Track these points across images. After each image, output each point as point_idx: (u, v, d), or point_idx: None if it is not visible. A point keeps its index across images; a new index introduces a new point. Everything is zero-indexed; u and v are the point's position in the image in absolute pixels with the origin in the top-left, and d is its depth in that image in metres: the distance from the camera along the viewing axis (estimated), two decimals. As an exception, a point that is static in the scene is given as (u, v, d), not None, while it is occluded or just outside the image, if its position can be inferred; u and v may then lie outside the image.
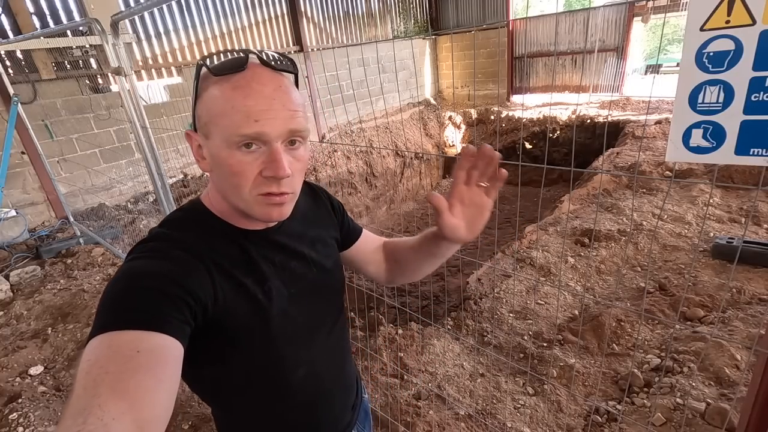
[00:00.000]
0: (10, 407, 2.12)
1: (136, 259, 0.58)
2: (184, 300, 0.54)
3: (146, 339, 0.49)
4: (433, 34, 9.46)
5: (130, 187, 4.97)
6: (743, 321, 2.33)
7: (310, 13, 7.00)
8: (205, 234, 0.64)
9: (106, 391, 0.43)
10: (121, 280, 0.55)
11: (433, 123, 8.58)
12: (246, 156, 0.58)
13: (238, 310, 0.63)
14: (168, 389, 0.48)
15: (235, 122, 0.56)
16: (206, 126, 0.59)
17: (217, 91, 0.58)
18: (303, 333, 0.73)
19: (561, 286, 2.89)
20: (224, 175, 0.60)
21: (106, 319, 0.50)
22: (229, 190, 0.62)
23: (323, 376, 0.78)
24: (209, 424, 2.04)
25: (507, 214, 6.39)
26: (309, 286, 0.74)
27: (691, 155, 0.75)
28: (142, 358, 0.47)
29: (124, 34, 4.42)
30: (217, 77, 0.58)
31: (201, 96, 0.60)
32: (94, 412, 0.41)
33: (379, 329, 2.61)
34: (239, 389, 0.70)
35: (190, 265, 0.59)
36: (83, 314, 2.92)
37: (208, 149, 0.61)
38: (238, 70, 0.57)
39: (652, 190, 4.13)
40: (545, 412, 1.99)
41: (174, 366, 0.50)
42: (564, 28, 7.98)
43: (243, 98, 0.56)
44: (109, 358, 0.46)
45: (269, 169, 0.58)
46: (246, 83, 0.57)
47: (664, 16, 8.99)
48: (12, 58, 4.15)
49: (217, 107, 0.57)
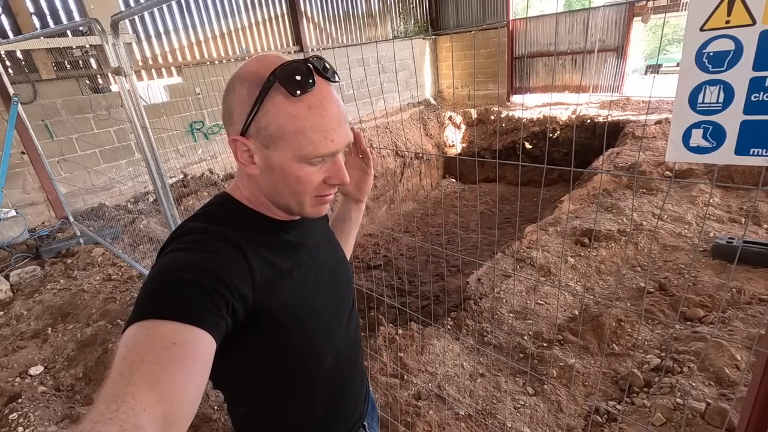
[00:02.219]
0: (10, 407, 2.12)
1: (176, 251, 0.59)
2: (221, 294, 0.55)
3: (183, 332, 0.50)
4: (433, 34, 9.46)
5: (130, 187, 4.97)
6: (743, 321, 2.33)
7: (310, 13, 7.00)
8: (241, 224, 0.66)
9: (140, 380, 0.44)
10: (161, 271, 0.56)
11: (433, 123, 8.58)
12: (313, 168, 0.63)
13: (276, 296, 0.65)
14: (197, 384, 0.49)
15: (314, 142, 0.60)
16: (272, 138, 0.60)
17: (293, 109, 0.59)
18: (330, 320, 0.76)
19: (561, 286, 2.89)
20: (287, 183, 0.63)
21: (146, 307, 0.52)
22: (287, 194, 0.65)
23: (344, 365, 0.82)
24: (209, 424, 2.04)
25: (507, 214, 6.39)
26: (331, 274, 0.79)
27: (691, 155, 0.75)
28: (177, 351, 0.48)
29: (124, 34, 4.42)
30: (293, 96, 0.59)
31: (267, 108, 0.59)
32: (127, 400, 0.42)
33: (379, 329, 2.61)
34: (269, 381, 0.72)
35: (230, 257, 0.60)
36: (83, 314, 2.92)
37: (268, 158, 0.62)
38: (311, 88, 0.59)
39: (652, 190, 4.13)
40: (545, 412, 1.99)
41: (205, 361, 0.51)
42: (564, 28, 7.98)
43: (320, 118, 0.60)
44: (147, 346, 0.47)
45: (335, 178, 0.65)
46: (319, 103, 0.60)
47: (664, 16, 8.99)
48: (12, 58, 4.15)
49: (292, 125, 0.59)
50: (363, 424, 0.91)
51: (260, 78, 0.59)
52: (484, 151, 8.16)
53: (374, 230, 5.65)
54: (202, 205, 0.71)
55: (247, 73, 0.60)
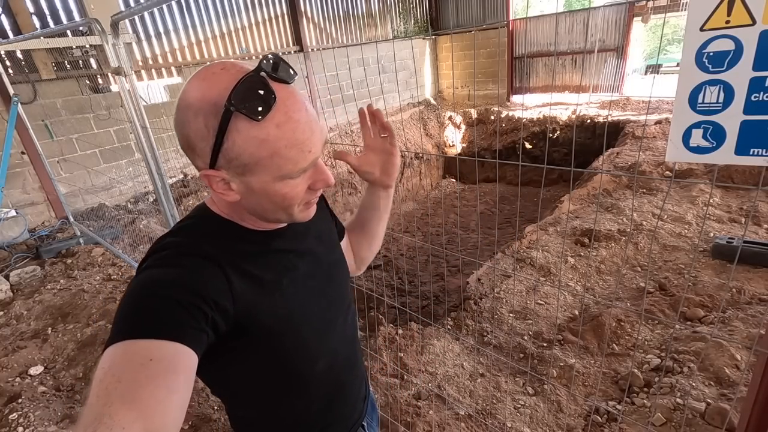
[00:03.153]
0: (10, 407, 2.12)
1: (151, 268, 0.58)
2: (199, 308, 0.54)
3: (160, 348, 0.49)
4: (433, 34, 9.46)
5: (130, 187, 4.97)
6: (743, 321, 2.32)
7: (310, 13, 7.00)
8: (219, 237, 0.65)
9: (117, 401, 0.44)
10: (136, 289, 0.55)
11: (433, 123, 8.58)
12: (296, 180, 0.61)
13: (260, 309, 0.63)
14: (179, 399, 0.48)
15: (292, 159, 0.58)
16: (246, 166, 0.57)
17: (261, 133, 0.55)
18: (322, 326, 0.75)
19: (561, 286, 2.89)
20: (272, 201, 0.62)
21: (121, 327, 0.51)
22: (274, 211, 0.64)
23: (341, 367, 0.81)
24: (209, 424, 2.04)
25: (507, 214, 6.39)
26: (322, 279, 0.77)
27: (691, 155, 0.75)
28: (155, 367, 0.47)
29: (124, 34, 4.42)
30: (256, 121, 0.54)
31: (232, 139, 0.55)
32: (104, 421, 0.42)
33: (379, 329, 2.61)
34: (264, 386, 0.71)
35: (206, 271, 0.59)
36: (83, 314, 2.92)
37: (247, 184, 0.59)
38: (273, 105, 0.54)
39: (652, 190, 4.13)
40: (545, 412, 1.99)
41: (186, 375, 0.50)
42: (564, 28, 7.98)
43: (292, 134, 0.56)
44: (122, 366, 0.47)
45: (321, 182, 0.64)
46: (286, 118, 0.56)
47: (664, 16, 8.99)
48: (12, 58, 4.16)
49: (266, 150, 0.56)
50: (362, 424, 0.91)
51: (215, 106, 0.53)
52: (484, 151, 8.16)
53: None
54: (179, 219, 0.71)
55: (199, 101, 0.54)
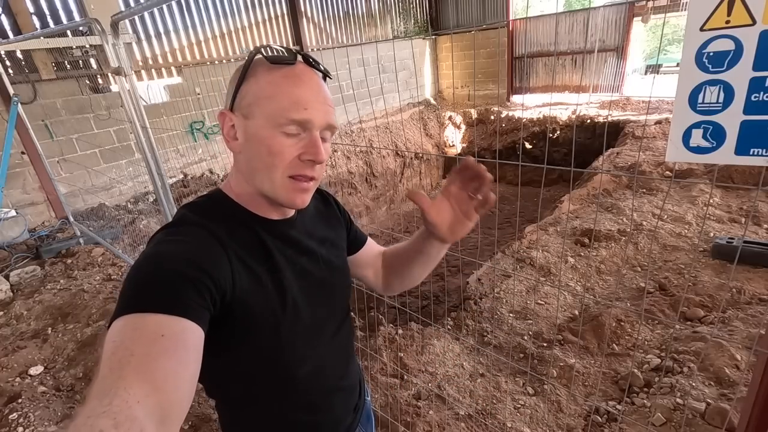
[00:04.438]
0: (10, 407, 2.12)
1: (160, 242, 0.60)
2: (205, 284, 0.55)
3: (170, 323, 0.50)
4: (433, 34, 9.45)
5: (130, 187, 4.97)
6: (743, 321, 2.32)
7: (310, 13, 7.00)
8: (225, 219, 0.66)
9: (131, 374, 0.44)
10: (144, 263, 0.56)
11: (433, 123, 8.57)
12: (287, 139, 0.62)
13: (252, 298, 0.64)
14: (191, 374, 0.50)
15: (285, 106, 0.61)
16: (249, 107, 0.63)
17: (269, 76, 0.62)
18: (310, 329, 0.73)
19: (561, 286, 2.89)
20: (260, 154, 0.63)
21: (131, 301, 0.52)
22: (261, 170, 0.64)
23: (327, 375, 0.79)
24: (209, 424, 2.04)
25: (507, 214, 6.39)
26: (318, 282, 0.75)
27: (691, 155, 0.75)
28: (167, 342, 0.48)
29: (124, 34, 4.42)
30: (270, 65, 0.63)
31: (248, 79, 0.63)
32: (119, 394, 0.42)
33: (379, 329, 2.61)
34: (245, 382, 0.70)
35: (212, 250, 0.60)
36: (83, 314, 2.92)
37: (246, 129, 0.64)
38: (289, 62, 0.63)
39: (652, 190, 4.13)
40: (545, 412, 1.99)
41: (196, 351, 0.51)
42: (564, 28, 7.98)
43: (293, 86, 0.62)
44: (135, 340, 0.47)
45: (309, 154, 0.63)
46: (295, 75, 0.63)
47: (664, 16, 8.98)
48: (12, 58, 4.15)
49: (267, 91, 0.62)
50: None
51: (249, 56, 0.64)
52: (484, 151, 8.16)
53: (374, 230, 5.65)
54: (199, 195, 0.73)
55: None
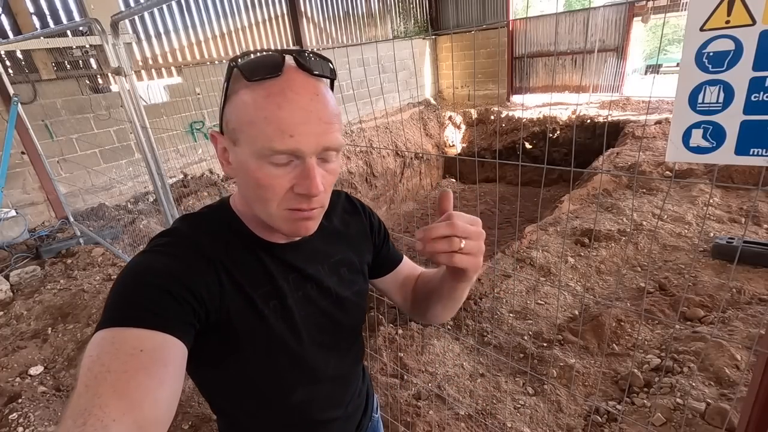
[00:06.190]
0: (10, 407, 2.12)
1: (147, 253, 0.58)
2: (187, 301, 0.53)
3: (150, 338, 0.48)
4: (433, 34, 9.45)
5: (130, 187, 4.97)
6: (743, 321, 2.32)
7: (310, 13, 7.00)
8: (224, 238, 0.62)
9: (107, 391, 0.43)
10: (128, 274, 0.54)
11: (433, 123, 8.57)
12: (276, 170, 0.54)
13: (242, 321, 0.60)
14: (170, 390, 0.47)
15: (268, 135, 0.51)
16: (234, 132, 0.55)
17: (249, 97, 0.52)
18: (306, 359, 0.68)
19: (561, 286, 2.89)
20: (250, 186, 0.56)
21: (112, 314, 0.50)
22: (255, 201, 0.58)
23: (322, 405, 0.75)
24: (209, 424, 2.04)
25: (507, 214, 6.39)
26: (320, 312, 0.69)
27: (691, 155, 0.75)
28: (145, 358, 0.46)
29: (124, 34, 4.42)
30: (249, 82, 0.52)
31: (231, 99, 0.55)
32: (94, 412, 0.41)
33: (379, 329, 2.61)
34: (234, 399, 0.68)
35: (200, 266, 0.57)
36: (83, 314, 2.92)
37: (235, 156, 0.56)
38: (272, 74, 0.52)
39: (652, 190, 4.13)
40: (545, 412, 1.99)
41: (176, 367, 0.49)
42: (564, 28, 7.98)
43: (277, 109, 0.51)
44: (112, 355, 0.46)
45: (302, 186, 0.55)
46: (280, 91, 0.52)
47: (664, 16, 8.99)
48: (12, 58, 4.15)
49: (248, 115, 0.52)
50: None
51: (229, 67, 0.55)
52: (484, 151, 8.16)
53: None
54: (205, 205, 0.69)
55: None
